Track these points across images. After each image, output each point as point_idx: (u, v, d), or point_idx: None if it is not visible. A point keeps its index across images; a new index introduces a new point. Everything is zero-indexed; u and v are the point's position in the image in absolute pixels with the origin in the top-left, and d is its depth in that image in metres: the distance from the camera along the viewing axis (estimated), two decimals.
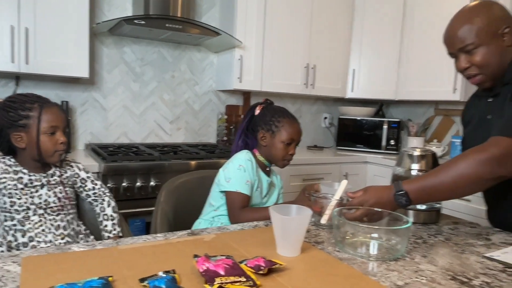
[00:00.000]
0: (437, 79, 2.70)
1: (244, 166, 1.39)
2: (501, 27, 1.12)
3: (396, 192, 1.06)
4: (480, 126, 1.26)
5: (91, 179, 1.43)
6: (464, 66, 1.18)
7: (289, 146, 1.44)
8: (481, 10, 1.14)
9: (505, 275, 0.87)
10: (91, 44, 2.43)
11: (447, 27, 1.22)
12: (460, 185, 1.03)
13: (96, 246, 0.92)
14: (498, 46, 1.13)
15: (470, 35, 1.13)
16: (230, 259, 0.81)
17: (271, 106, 1.51)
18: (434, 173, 1.06)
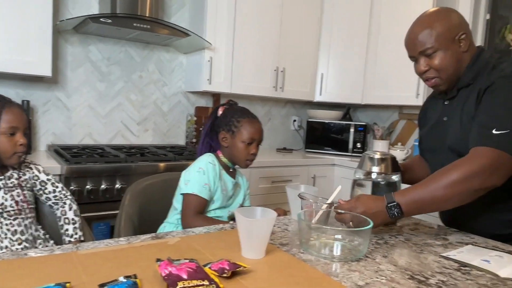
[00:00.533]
0: (401, 85, 2.79)
1: (204, 169, 1.38)
2: (458, 33, 1.18)
3: (388, 204, 1.07)
4: (437, 128, 1.32)
5: (51, 182, 1.38)
6: (423, 69, 1.23)
7: (250, 146, 1.44)
8: (440, 16, 1.19)
9: (459, 273, 0.91)
10: (55, 42, 2.35)
11: (408, 31, 1.27)
12: (451, 196, 1.06)
13: (54, 251, 0.89)
14: (455, 51, 1.19)
15: (430, 39, 1.18)
16: (194, 262, 0.80)
17: (233, 107, 1.51)
18: (425, 185, 1.08)
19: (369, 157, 1.22)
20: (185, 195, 1.36)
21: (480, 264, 0.96)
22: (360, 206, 1.08)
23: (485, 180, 1.04)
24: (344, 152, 3.10)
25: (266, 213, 0.97)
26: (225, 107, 1.50)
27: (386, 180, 1.23)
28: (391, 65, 2.86)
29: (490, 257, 1.02)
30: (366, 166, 1.22)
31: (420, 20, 1.23)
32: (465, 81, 1.22)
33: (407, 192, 1.09)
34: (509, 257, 1.02)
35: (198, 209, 1.35)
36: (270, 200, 2.62)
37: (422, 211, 1.11)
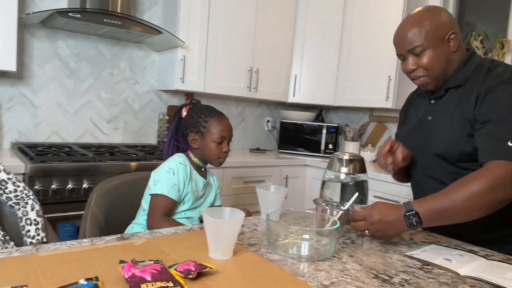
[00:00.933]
0: (371, 88, 2.85)
1: (174, 169, 1.36)
2: (448, 32, 1.17)
3: (406, 212, 1.03)
4: (420, 126, 1.31)
5: (12, 181, 1.32)
6: (411, 68, 1.21)
7: (222, 144, 1.42)
8: (430, 15, 1.18)
9: (422, 272, 0.94)
10: (20, 36, 2.26)
11: (398, 29, 1.24)
12: (474, 208, 1.02)
13: (12, 253, 0.86)
14: (444, 50, 1.18)
15: (419, 37, 1.16)
16: (159, 264, 0.79)
17: (196, 106, 1.47)
18: (445, 195, 1.04)
19: (338, 158, 1.24)
20: (153, 196, 1.34)
21: (442, 262, 0.99)
22: (376, 214, 1.05)
23: (508, 191, 1.02)
24: (316, 153, 3.13)
25: (234, 213, 0.96)
26: (188, 107, 1.46)
27: (354, 180, 1.25)
28: (362, 69, 2.92)
29: (452, 256, 1.05)
30: (335, 166, 1.24)
31: (410, 18, 1.21)
32: (455, 81, 1.21)
33: (426, 201, 1.05)
34: (469, 256, 1.06)
35: (166, 210, 1.32)
36: (243, 201, 2.61)
37: (441, 222, 1.07)
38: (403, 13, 2.67)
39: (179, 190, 1.36)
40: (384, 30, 2.77)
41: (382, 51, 2.78)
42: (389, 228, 1.06)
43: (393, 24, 2.73)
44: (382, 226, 1.06)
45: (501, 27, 2.59)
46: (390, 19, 2.74)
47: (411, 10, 2.86)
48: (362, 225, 1.07)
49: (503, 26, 2.57)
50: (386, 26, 2.76)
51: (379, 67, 2.80)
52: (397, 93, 2.73)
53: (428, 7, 1.22)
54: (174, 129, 1.49)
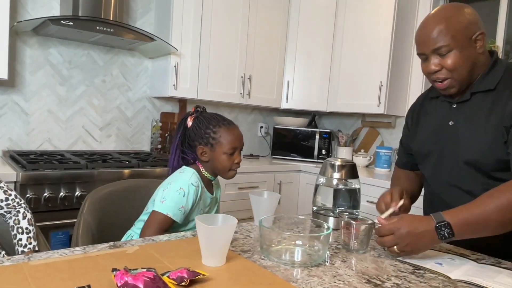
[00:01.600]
0: (363, 94, 2.88)
1: (185, 191, 1.27)
2: (476, 32, 1.09)
3: (437, 224, 0.98)
4: (441, 132, 1.22)
5: (3, 189, 1.31)
6: (434, 69, 1.12)
7: (233, 156, 1.33)
8: (458, 12, 1.09)
9: (414, 276, 0.95)
10: (12, 43, 2.25)
11: (421, 26, 1.14)
12: (509, 218, 0.98)
13: (4, 262, 0.85)
14: (470, 52, 1.10)
15: (446, 36, 1.08)
16: (152, 271, 0.79)
17: (203, 115, 1.37)
18: (477, 206, 0.99)
19: (330, 163, 1.25)
20: (157, 212, 1.25)
21: (433, 266, 1.00)
22: (404, 226, 0.99)
23: None
24: (310, 159, 3.14)
25: (226, 220, 0.96)
26: (194, 116, 1.37)
27: (346, 186, 1.26)
28: (354, 75, 2.95)
29: (443, 260, 1.06)
30: (328, 172, 1.25)
31: (436, 14, 1.11)
32: (484, 85, 1.13)
33: (458, 212, 0.99)
34: (460, 260, 1.07)
35: (164, 228, 1.25)
36: (236, 207, 2.61)
37: (474, 234, 1.01)
38: (394, 19, 2.70)
39: (185, 212, 1.29)
40: (375, 36, 2.80)
41: (374, 57, 2.81)
42: (419, 242, 0.99)
43: (383, 30, 2.79)
44: (412, 240, 0.99)
45: (489, 33, 2.64)
46: (380, 26, 2.77)
47: (401, 17, 2.89)
48: (390, 239, 1.00)
49: (492, 32, 2.61)
50: (377, 32, 2.79)
51: (370, 73, 2.83)
52: (389, 99, 2.76)
53: (453, 4, 1.12)
54: (179, 141, 1.39)
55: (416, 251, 1.02)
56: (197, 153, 1.35)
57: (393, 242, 1.01)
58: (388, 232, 1.02)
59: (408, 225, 1.00)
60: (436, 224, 0.99)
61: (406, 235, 0.99)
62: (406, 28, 2.84)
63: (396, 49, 2.76)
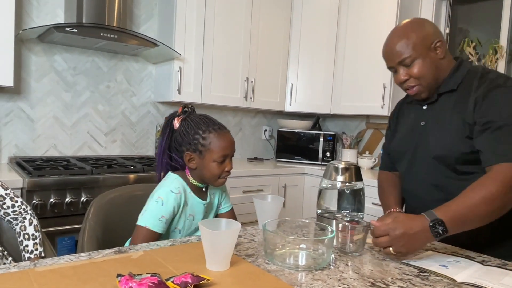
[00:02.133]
0: (367, 95, 2.87)
1: (163, 199, 1.20)
2: (434, 40, 1.21)
3: (431, 222, 1.01)
4: (413, 132, 1.32)
5: (10, 196, 1.32)
6: (403, 79, 1.24)
7: (223, 163, 1.23)
8: (415, 27, 1.22)
9: (419, 279, 0.94)
10: (18, 51, 2.28)
11: (386, 43, 1.28)
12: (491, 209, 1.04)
13: (10, 269, 0.86)
14: (432, 58, 1.21)
15: (407, 49, 1.20)
16: (156, 277, 0.79)
17: (191, 118, 1.26)
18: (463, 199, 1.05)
19: (334, 166, 1.25)
20: (138, 226, 1.20)
21: (438, 269, 0.99)
22: (399, 227, 1.01)
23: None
24: (314, 161, 3.14)
25: (230, 225, 0.97)
26: (181, 117, 1.26)
27: (350, 188, 1.26)
28: (358, 77, 2.94)
29: (448, 262, 1.05)
30: (331, 175, 1.25)
31: (396, 31, 1.25)
32: (447, 86, 1.24)
33: (447, 208, 1.04)
34: (466, 262, 1.06)
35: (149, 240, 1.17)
36: (241, 210, 2.61)
37: (465, 228, 1.06)
38: (396, 20, 2.70)
39: (167, 221, 1.22)
40: (378, 38, 2.80)
41: (377, 58, 2.80)
42: (414, 242, 1.01)
43: (386, 31, 2.76)
44: (407, 240, 1.01)
45: (493, 33, 2.63)
46: (383, 27, 2.77)
47: (404, 18, 2.90)
48: (385, 241, 1.02)
49: (496, 32, 2.60)
50: (380, 33, 2.79)
51: (374, 74, 2.82)
52: (393, 100, 2.75)
53: (412, 20, 1.26)
54: (165, 145, 1.29)
55: (412, 251, 1.04)
56: (185, 160, 1.25)
57: (388, 243, 1.03)
58: (383, 233, 1.04)
59: (402, 226, 1.02)
60: (430, 223, 1.02)
61: (401, 236, 1.01)
62: None
63: None
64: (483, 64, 2.56)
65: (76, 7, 2.24)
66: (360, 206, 1.28)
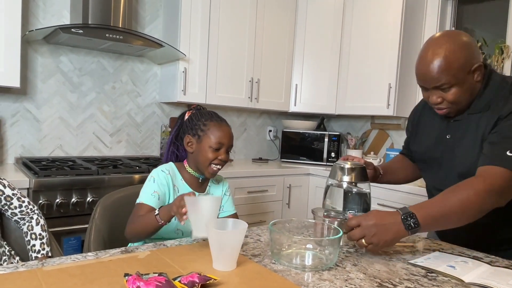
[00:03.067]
0: (372, 96, 2.86)
1: (154, 177, 1.30)
2: (474, 64, 1.13)
3: (403, 214, 1.03)
4: (438, 143, 1.30)
5: (17, 196, 1.33)
6: (436, 101, 1.18)
7: (219, 152, 1.31)
8: (457, 47, 1.11)
9: (426, 279, 0.94)
10: (24, 52, 2.30)
11: (423, 63, 1.16)
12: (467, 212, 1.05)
13: (18, 268, 0.86)
14: (469, 83, 1.15)
15: (447, 76, 1.11)
16: (163, 276, 0.79)
17: (200, 111, 1.40)
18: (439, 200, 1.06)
19: (340, 166, 1.25)
20: (136, 204, 1.27)
21: (445, 270, 0.99)
22: (370, 218, 1.03)
23: (497, 200, 1.06)
24: (319, 162, 3.13)
25: (237, 225, 0.97)
26: (192, 111, 1.40)
27: (356, 188, 1.26)
28: (363, 77, 2.94)
29: (456, 263, 1.05)
30: (337, 175, 1.24)
31: (436, 51, 1.12)
32: (478, 108, 1.19)
33: (422, 205, 1.06)
34: (473, 263, 1.06)
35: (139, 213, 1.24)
36: (246, 211, 2.61)
37: (439, 226, 1.09)
38: (402, 20, 2.69)
39: (159, 198, 1.27)
40: (383, 38, 2.79)
41: (382, 58, 2.80)
42: (386, 232, 1.01)
43: (391, 31, 2.77)
44: (378, 230, 1.01)
45: (499, 33, 2.61)
46: (389, 27, 2.76)
47: (409, 18, 2.87)
48: (358, 232, 1.02)
49: (502, 32, 2.58)
50: (385, 33, 2.78)
51: (379, 75, 2.81)
52: (398, 101, 2.74)
53: (451, 36, 1.14)
54: (174, 134, 1.41)
55: (383, 243, 1.02)
56: (184, 143, 1.36)
57: (360, 234, 1.02)
58: (355, 224, 1.04)
59: (374, 217, 1.03)
60: (402, 216, 1.03)
61: (372, 226, 1.02)
62: (414, 28, 2.82)
63: (405, 50, 2.75)
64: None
65: (82, 8, 2.25)
66: (367, 207, 1.27)
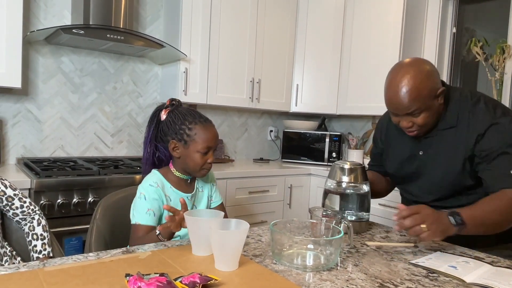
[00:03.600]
0: (373, 96, 2.86)
1: (144, 193, 1.25)
2: (438, 89, 1.22)
3: (450, 212, 1.11)
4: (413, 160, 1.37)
5: (18, 197, 1.33)
6: (407, 126, 1.26)
7: (207, 155, 1.28)
8: (423, 76, 1.19)
9: (428, 280, 0.93)
10: (25, 53, 2.30)
11: (393, 91, 1.22)
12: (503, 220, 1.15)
13: (20, 268, 0.86)
14: (435, 106, 1.24)
15: (417, 103, 1.19)
16: (164, 276, 0.79)
17: (178, 110, 1.31)
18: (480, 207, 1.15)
19: (339, 167, 1.24)
20: (132, 225, 1.25)
21: (447, 270, 0.99)
22: (427, 208, 1.09)
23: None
24: (320, 162, 3.13)
25: (239, 225, 0.97)
26: (168, 109, 1.31)
27: (356, 189, 1.26)
28: (364, 77, 2.93)
29: (457, 263, 1.05)
30: (337, 176, 1.24)
31: (405, 82, 1.19)
32: (447, 124, 1.28)
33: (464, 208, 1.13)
34: (475, 263, 1.05)
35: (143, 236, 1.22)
36: (247, 211, 2.61)
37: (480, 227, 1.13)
38: (403, 20, 2.69)
39: (155, 214, 1.25)
40: (384, 38, 2.79)
41: (383, 58, 2.79)
42: (441, 222, 1.07)
43: (392, 31, 2.77)
44: (435, 219, 1.06)
45: (501, 32, 2.61)
46: (389, 27, 2.76)
47: (410, 18, 2.86)
48: (418, 218, 1.05)
49: (503, 31, 2.58)
50: (386, 33, 2.78)
51: (380, 74, 2.81)
52: None
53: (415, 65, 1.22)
54: (152, 135, 1.32)
55: (439, 232, 1.07)
56: (169, 148, 1.30)
57: (421, 220, 1.05)
58: (414, 212, 1.07)
59: (429, 209, 1.10)
60: (448, 212, 1.11)
61: (431, 214, 1.07)
62: (415, 29, 2.82)
63: (406, 50, 2.74)
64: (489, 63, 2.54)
65: (83, 9, 2.25)
66: (368, 206, 1.27)
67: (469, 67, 2.86)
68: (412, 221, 1.04)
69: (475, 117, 1.24)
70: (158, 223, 1.26)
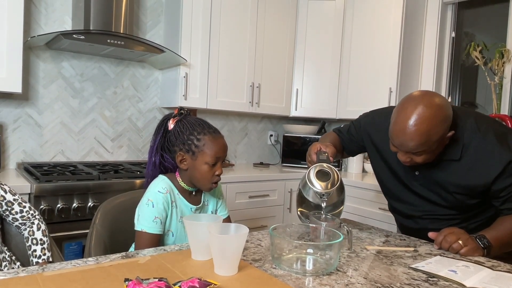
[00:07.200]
0: (373, 100, 2.86)
1: (153, 200, 1.21)
2: (448, 132, 1.17)
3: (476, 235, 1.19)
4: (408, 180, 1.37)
5: (18, 202, 1.33)
6: (405, 161, 1.23)
7: (215, 167, 1.24)
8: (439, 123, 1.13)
9: (427, 284, 0.93)
10: (26, 58, 2.31)
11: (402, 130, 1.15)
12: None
13: (19, 273, 0.86)
14: (441, 145, 1.19)
15: (424, 147, 1.15)
16: (163, 281, 0.79)
17: (187, 119, 1.27)
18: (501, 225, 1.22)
19: (312, 171, 1.25)
20: (137, 232, 1.22)
21: (447, 274, 0.98)
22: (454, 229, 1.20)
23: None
24: None
25: (238, 229, 0.97)
26: (176, 119, 1.27)
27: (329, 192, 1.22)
28: (363, 81, 2.94)
29: (457, 267, 1.04)
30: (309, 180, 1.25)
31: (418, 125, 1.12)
32: (449, 156, 1.25)
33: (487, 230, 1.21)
34: (475, 267, 1.05)
35: (149, 244, 1.20)
36: (247, 216, 2.61)
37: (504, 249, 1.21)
38: (402, 24, 2.70)
39: (162, 222, 1.23)
40: (384, 42, 2.80)
41: (383, 62, 2.80)
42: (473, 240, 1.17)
43: (392, 36, 2.78)
44: (469, 236, 1.17)
45: (500, 37, 2.62)
46: (389, 31, 2.77)
47: (409, 22, 2.88)
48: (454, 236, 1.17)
49: (502, 36, 2.59)
50: (386, 37, 2.79)
51: (379, 79, 2.82)
52: None
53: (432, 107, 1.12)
54: (158, 145, 1.28)
55: (476, 249, 1.16)
56: (176, 160, 1.26)
57: (455, 237, 1.16)
58: (448, 232, 1.19)
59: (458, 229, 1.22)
60: (476, 236, 1.19)
61: (464, 233, 1.18)
62: (415, 33, 2.83)
63: (405, 54, 2.76)
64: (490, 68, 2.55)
65: (84, 14, 2.26)
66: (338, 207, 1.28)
67: (469, 71, 2.87)
68: (451, 239, 1.17)
69: (488, 154, 1.19)
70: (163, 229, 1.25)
